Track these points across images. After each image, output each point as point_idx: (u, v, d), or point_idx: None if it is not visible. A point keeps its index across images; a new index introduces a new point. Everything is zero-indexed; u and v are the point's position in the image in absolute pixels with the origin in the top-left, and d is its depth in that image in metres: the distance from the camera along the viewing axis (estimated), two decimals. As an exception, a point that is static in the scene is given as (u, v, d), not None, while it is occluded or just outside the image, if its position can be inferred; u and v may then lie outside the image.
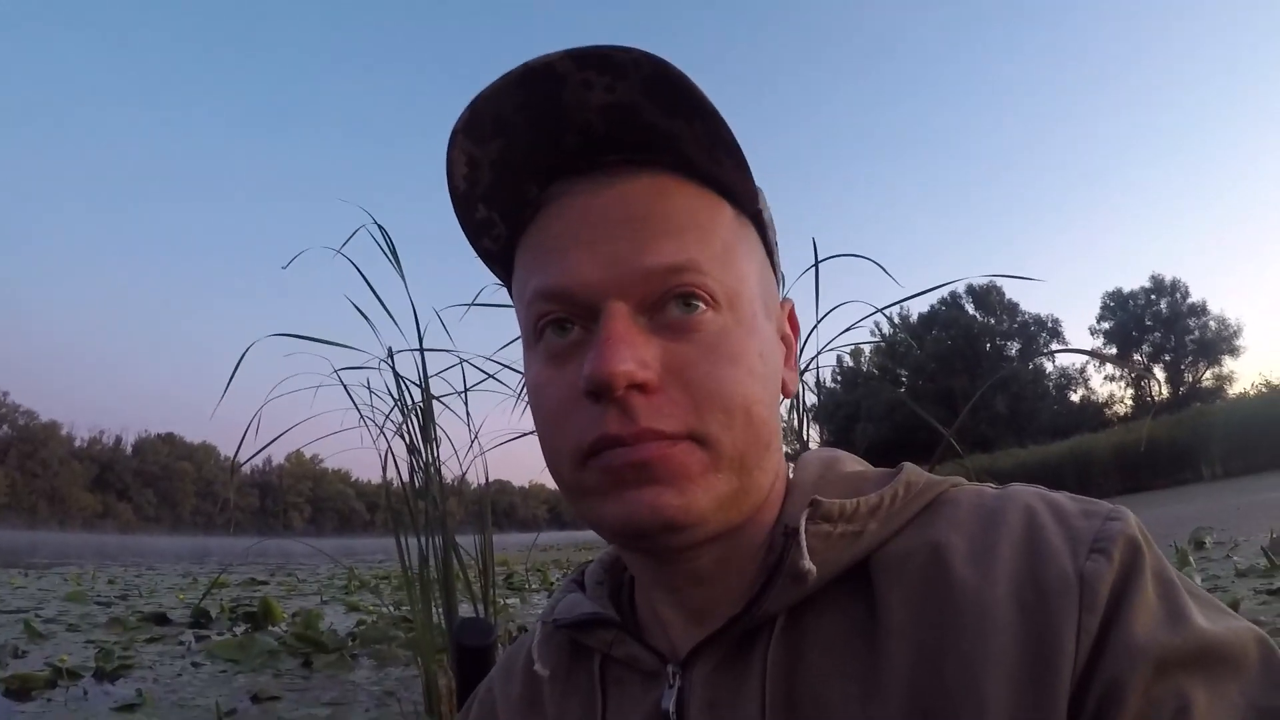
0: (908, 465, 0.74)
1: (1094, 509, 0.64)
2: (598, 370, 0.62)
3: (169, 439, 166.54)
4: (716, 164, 0.68)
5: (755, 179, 0.70)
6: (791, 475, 0.78)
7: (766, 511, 0.72)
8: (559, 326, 0.68)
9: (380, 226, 4.25)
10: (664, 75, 0.63)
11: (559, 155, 0.69)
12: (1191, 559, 8.79)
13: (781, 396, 0.74)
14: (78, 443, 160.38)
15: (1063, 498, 0.67)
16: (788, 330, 0.79)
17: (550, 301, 0.67)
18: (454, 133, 0.67)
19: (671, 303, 0.66)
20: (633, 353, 0.63)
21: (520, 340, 0.75)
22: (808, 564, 0.63)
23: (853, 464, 0.80)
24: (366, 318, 4.19)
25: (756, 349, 0.69)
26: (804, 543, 0.64)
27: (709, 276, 0.66)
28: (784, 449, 0.77)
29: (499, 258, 0.76)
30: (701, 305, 0.66)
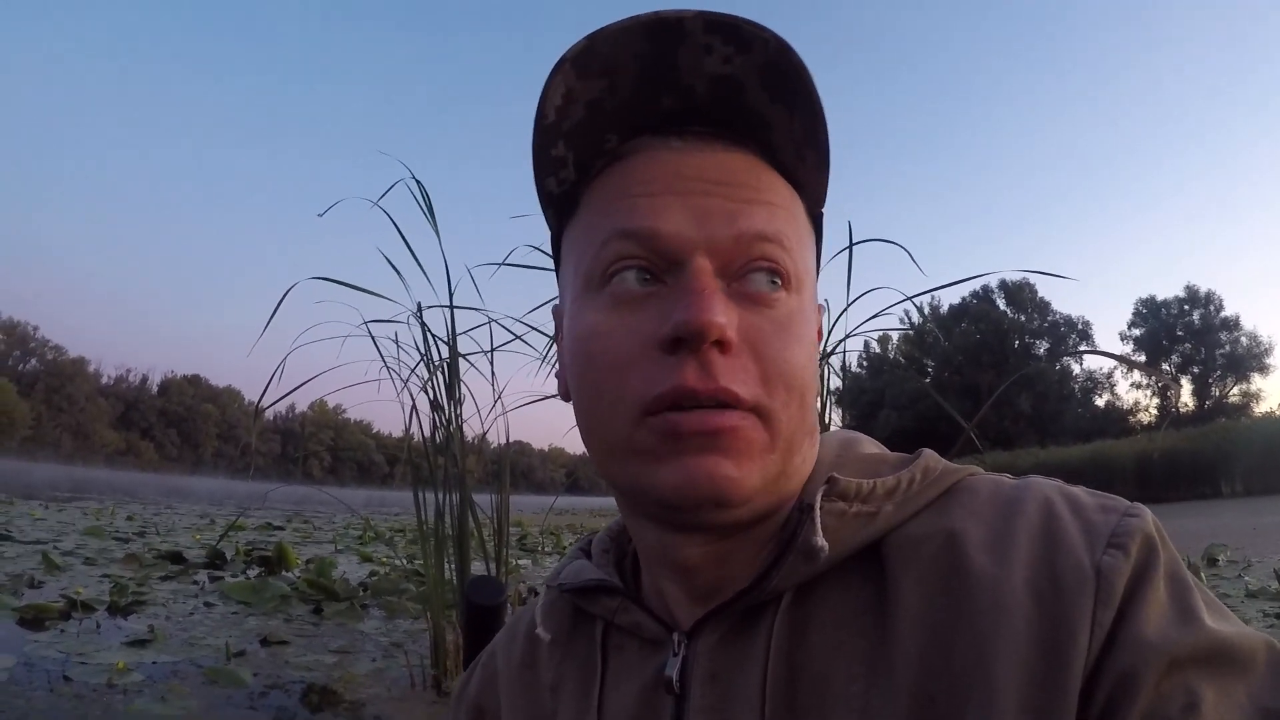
0: (926, 451, 0.73)
1: (1111, 504, 0.64)
2: (695, 318, 0.60)
3: (194, 380, 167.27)
4: (800, 159, 0.68)
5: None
6: None
7: (791, 498, 0.71)
8: (641, 273, 0.66)
9: (418, 181, 4.27)
10: (785, 60, 0.63)
11: (651, 112, 0.68)
12: (1203, 575, 8.77)
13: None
14: (104, 380, 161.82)
15: (1080, 491, 0.67)
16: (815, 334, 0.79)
17: (632, 242, 0.65)
18: (562, 60, 0.65)
19: (753, 273, 0.65)
20: (724, 308, 0.62)
21: (569, 289, 0.73)
22: (820, 541, 0.63)
23: (870, 446, 0.79)
24: (398, 271, 4.22)
25: (811, 338, 0.69)
26: (818, 519, 0.64)
27: (791, 255, 0.66)
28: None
29: (557, 202, 0.74)
30: (779, 282, 0.66)
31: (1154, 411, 72.72)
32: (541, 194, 0.74)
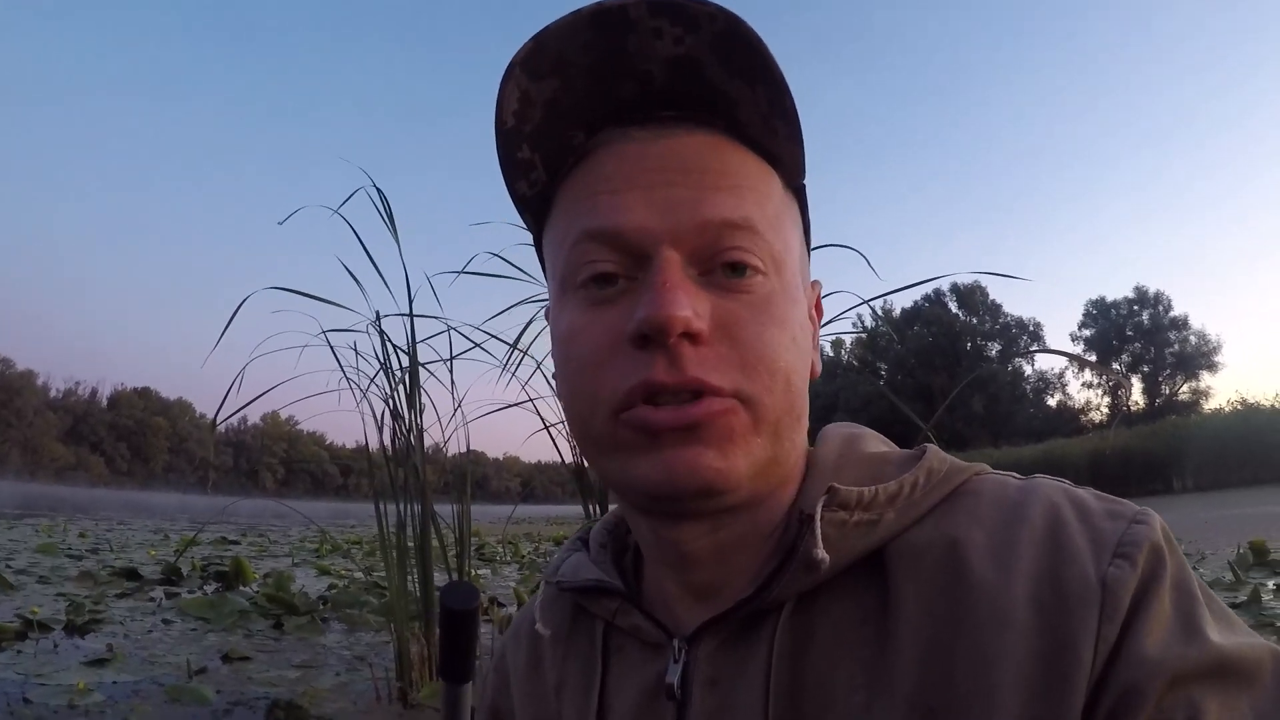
0: (930, 448, 0.72)
1: (1119, 510, 0.63)
2: (655, 314, 0.60)
3: (145, 393, 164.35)
4: (770, 133, 0.67)
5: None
6: (811, 450, 0.76)
7: (786, 488, 0.71)
8: (602, 279, 0.66)
9: (379, 189, 4.26)
10: (736, 33, 0.62)
11: (612, 103, 0.67)
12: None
13: (809, 377, 0.71)
14: (53, 393, 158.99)
15: (1088, 495, 0.66)
16: (814, 313, 0.77)
17: (597, 243, 0.65)
18: (511, 65, 0.65)
19: (724, 259, 0.64)
20: (689, 300, 0.61)
21: (551, 292, 0.74)
22: (821, 553, 0.62)
23: (875, 443, 0.78)
24: (357, 280, 4.22)
25: (798, 319, 0.68)
26: (818, 531, 0.62)
27: (762, 238, 0.65)
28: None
29: (532, 204, 0.73)
30: (753, 266, 0.65)
31: (1105, 410, 74.01)
32: (515, 198, 0.74)
